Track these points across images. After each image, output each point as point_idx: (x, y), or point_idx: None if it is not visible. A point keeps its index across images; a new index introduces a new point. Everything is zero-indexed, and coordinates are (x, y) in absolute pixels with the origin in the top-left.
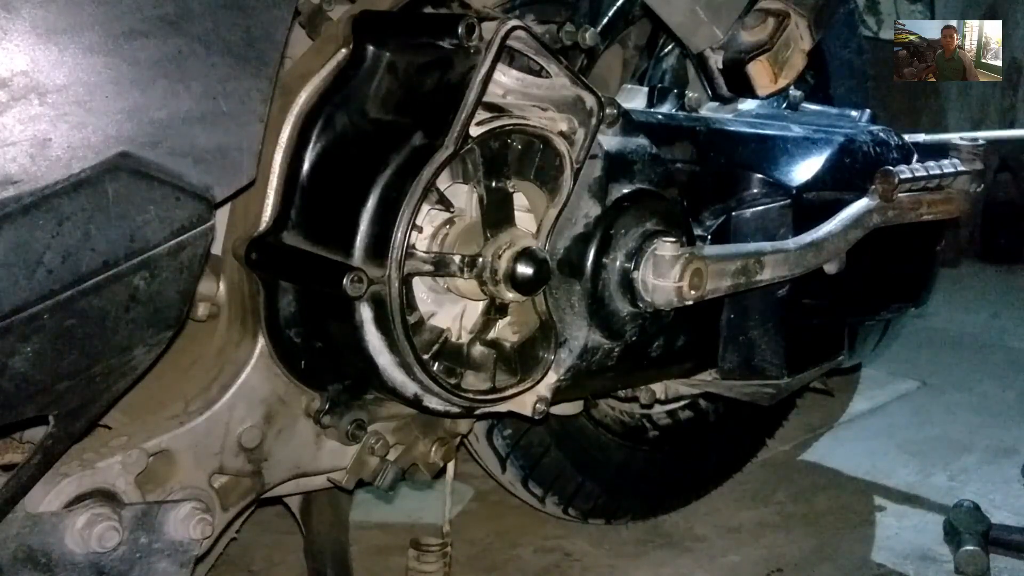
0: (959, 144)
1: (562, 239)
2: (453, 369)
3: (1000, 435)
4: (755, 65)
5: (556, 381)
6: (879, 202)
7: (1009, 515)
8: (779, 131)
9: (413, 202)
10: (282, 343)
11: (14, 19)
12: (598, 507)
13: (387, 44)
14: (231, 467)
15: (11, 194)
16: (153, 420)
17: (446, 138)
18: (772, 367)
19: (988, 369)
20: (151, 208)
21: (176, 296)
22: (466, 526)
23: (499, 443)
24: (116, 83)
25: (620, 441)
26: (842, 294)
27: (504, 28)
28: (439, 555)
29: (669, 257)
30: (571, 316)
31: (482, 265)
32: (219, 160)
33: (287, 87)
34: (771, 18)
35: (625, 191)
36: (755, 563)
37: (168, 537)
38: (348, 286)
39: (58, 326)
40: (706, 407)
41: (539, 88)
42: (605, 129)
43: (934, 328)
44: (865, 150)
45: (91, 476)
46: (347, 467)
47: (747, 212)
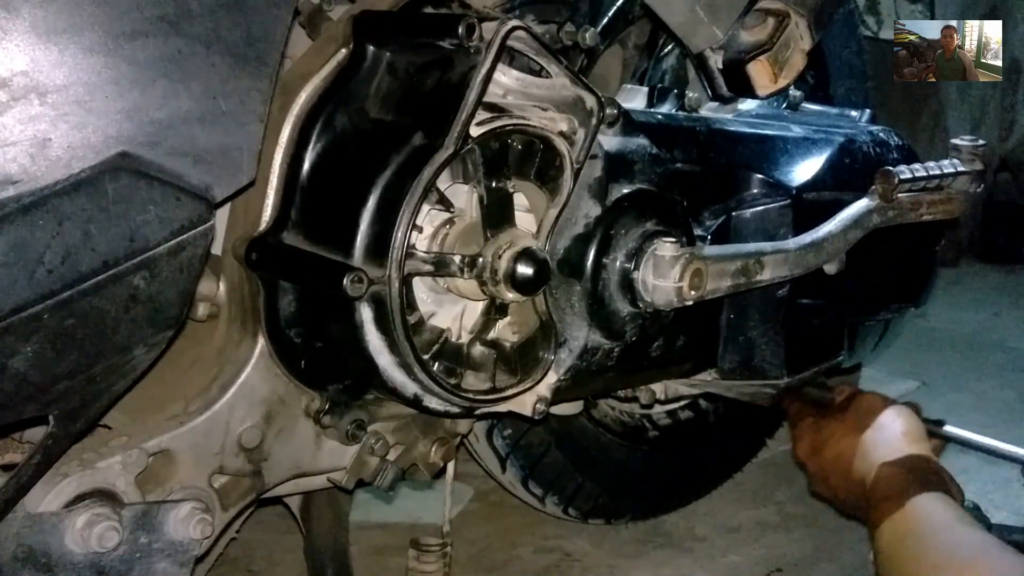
0: (959, 145)
1: (562, 239)
2: (453, 369)
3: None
4: (755, 65)
5: (556, 381)
6: (879, 202)
7: (1009, 515)
8: (779, 131)
9: (413, 202)
10: (282, 343)
11: (14, 19)
12: (598, 507)
13: (387, 44)
14: (231, 467)
15: (11, 194)
16: (153, 420)
17: (446, 138)
18: (772, 367)
19: (988, 369)
20: (151, 208)
21: (176, 296)
22: (466, 526)
23: (499, 443)
24: (116, 83)
25: (620, 441)
26: (842, 294)
27: (504, 28)
28: (439, 555)
29: (669, 257)
30: (571, 316)
31: (482, 265)
32: (219, 160)
33: (287, 87)
34: (771, 18)
35: (625, 191)
36: (755, 563)
37: (168, 537)
38: (348, 286)
39: (58, 326)
40: (706, 407)
41: (539, 88)
42: (605, 129)
43: (934, 328)
44: (865, 150)
45: (91, 476)
46: (347, 467)
47: (747, 212)
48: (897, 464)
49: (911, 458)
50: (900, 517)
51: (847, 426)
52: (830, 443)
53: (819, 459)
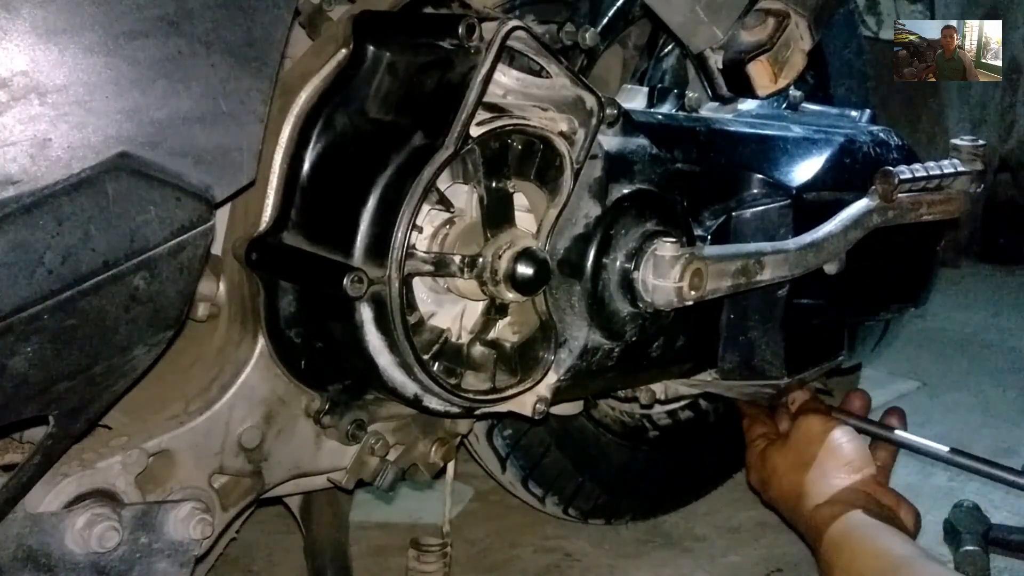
0: (959, 145)
1: (562, 239)
2: (453, 369)
3: (1000, 435)
4: (755, 65)
5: (556, 381)
6: (879, 202)
7: (1009, 515)
8: (779, 131)
9: (413, 202)
10: (282, 343)
11: (14, 19)
12: (598, 507)
13: (387, 44)
14: (231, 467)
15: (11, 194)
16: (153, 420)
17: (446, 138)
18: (772, 367)
19: (988, 369)
20: (151, 208)
21: (176, 296)
22: (466, 526)
23: (499, 443)
24: (116, 83)
25: (620, 441)
26: (842, 294)
27: (504, 28)
28: (439, 555)
29: (669, 257)
30: (571, 316)
31: (482, 265)
32: (219, 160)
33: (287, 87)
34: (771, 18)
35: (625, 191)
36: (755, 563)
37: (168, 537)
38: (348, 286)
39: (58, 326)
40: (706, 407)
41: (539, 88)
42: (605, 129)
43: (934, 328)
44: (865, 150)
45: (91, 476)
46: (347, 467)
47: (747, 212)
48: (831, 503)
49: (847, 492)
50: (831, 539)
51: (789, 461)
52: (774, 480)
53: (768, 492)
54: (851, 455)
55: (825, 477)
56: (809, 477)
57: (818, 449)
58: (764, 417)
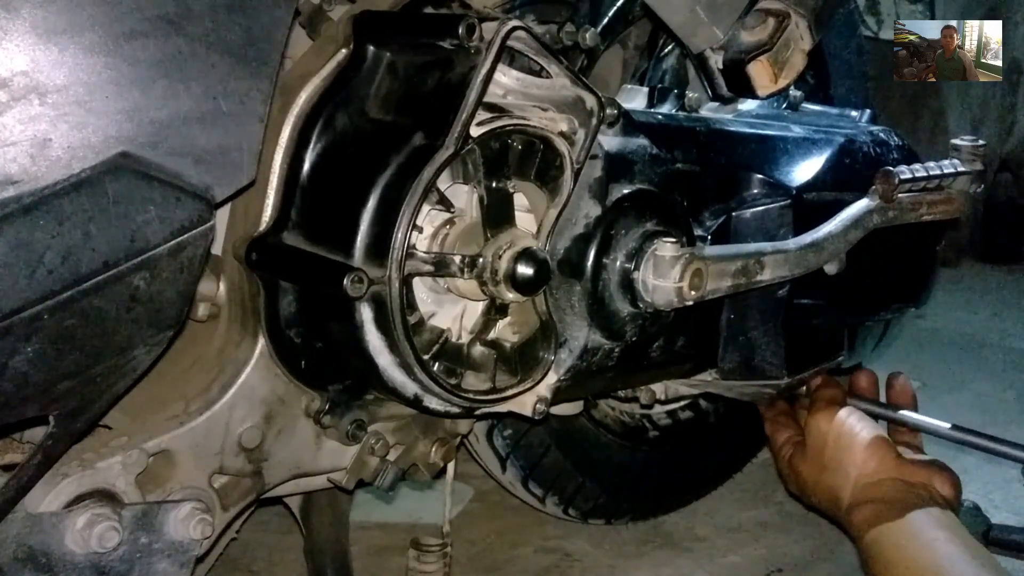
0: (959, 145)
1: (562, 239)
2: (453, 369)
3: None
4: (755, 65)
5: (556, 381)
6: (879, 202)
7: (1009, 515)
8: (779, 131)
9: (413, 202)
10: (282, 343)
11: (14, 19)
12: (598, 507)
13: (387, 44)
14: (231, 467)
15: (11, 194)
16: (153, 420)
17: (446, 138)
18: (772, 367)
19: (988, 369)
20: (151, 208)
21: (176, 296)
22: (466, 526)
23: (499, 443)
24: (116, 83)
25: (620, 441)
26: (842, 294)
27: (505, 28)
28: (439, 555)
29: (669, 257)
30: (571, 316)
31: (482, 265)
32: (219, 160)
33: (287, 87)
34: (771, 18)
35: (625, 191)
36: (755, 563)
37: (168, 537)
38: (348, 286)
39: (58, 326)
40: (706, 407)
41: (539, 88)
42: (605, 129)
43: (934, 328)
44: (865, 150)
45: (91, 476)
46: (347, 467)
47: (747, 212)
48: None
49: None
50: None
51: (812, 469)
52: (807, 491)
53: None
54: (863, 444)
55: (847, 476)
56: (834, 482)
57: (833, 450)
58: (785, 418)
